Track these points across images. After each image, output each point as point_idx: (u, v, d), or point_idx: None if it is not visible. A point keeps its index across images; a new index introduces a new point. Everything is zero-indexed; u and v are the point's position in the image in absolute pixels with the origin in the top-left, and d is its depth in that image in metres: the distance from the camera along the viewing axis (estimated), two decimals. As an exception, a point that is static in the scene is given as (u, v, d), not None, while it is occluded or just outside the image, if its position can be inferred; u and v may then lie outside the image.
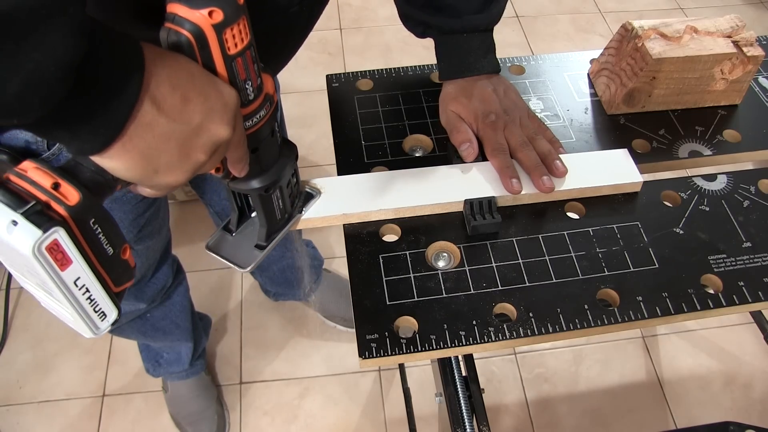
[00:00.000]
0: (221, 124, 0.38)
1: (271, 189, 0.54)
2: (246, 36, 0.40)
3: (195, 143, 0.37)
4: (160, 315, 1.08)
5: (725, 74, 0.74)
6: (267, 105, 0.46)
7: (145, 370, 1.29)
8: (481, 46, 0.71)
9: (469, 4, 0.69)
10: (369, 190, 0.66)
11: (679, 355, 1.44)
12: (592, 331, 0.59)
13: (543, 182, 0.65)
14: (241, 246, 0.61)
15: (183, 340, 1.20)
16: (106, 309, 0.38)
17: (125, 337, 1.13)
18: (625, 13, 2.25)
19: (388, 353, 0.56)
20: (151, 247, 0.87)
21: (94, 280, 0.35)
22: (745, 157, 0.74)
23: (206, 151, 0.38)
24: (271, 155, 0.52)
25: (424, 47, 2.10)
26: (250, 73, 0.41)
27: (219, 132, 0.38)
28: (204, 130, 0.37)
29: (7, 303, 1.49)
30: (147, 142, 0.34)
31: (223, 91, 0.38)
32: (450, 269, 0.62)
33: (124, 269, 0.38)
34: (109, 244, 0.36)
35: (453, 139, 0.70)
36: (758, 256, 0.64)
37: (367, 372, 1.40)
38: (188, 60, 0.37)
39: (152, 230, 0.83)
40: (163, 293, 1.03)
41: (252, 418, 1.34)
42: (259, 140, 0.48)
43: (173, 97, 0.34)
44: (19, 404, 1.35)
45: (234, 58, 0.39)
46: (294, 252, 1.30)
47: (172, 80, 0.34)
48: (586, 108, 0.78)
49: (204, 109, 0.36)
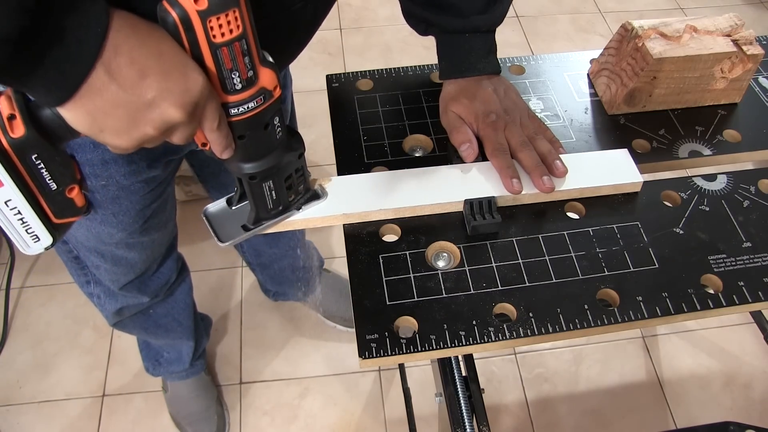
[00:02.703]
0: (174, 107, 0.39)
1: (259, 178, 0.55)
2: (237, 28, 0.40)
3: (144, 117, 0.38)
4: (163, 311, 1.09)
5: (725, 73, 0.75)
6: (260, 98, 0.46)
7: (145, 369, 1.29)
8: (483, 47, 0.71)
9: (473, 5, 0.69)
10: (369, 190, 0.66)
11: (679, 355, 1.44)
12: (592, 331, 0.59)
13: (543, 182, 0.65)
14: (233, 222, 0.62)
15: (184, 339, 1.20)
16: (40, 234, 0.42)
17: (127, 332, 1.13)
18: (625, 13, 2.25)
19: (388, 353, 0.56)
20: (156, 240, 0.87)
21: (28, 206, 0.40)
22: (745, 157, 0.74)
23: (155, 127, 0.39)
24: (262, 146, 0.52)
25: (424, 47, 2.10)
26: (239, 64, 0.42)
27: (170, 113, 0.39)
28: (155, 107, 0.38)
29: (7, 303, 1.49)
30: (95, 105, 0.37)
31: (188, 76, 0.39)
32: (450, 269, 0.62)
33: (68, 206, 0.42)
34: (52, 180, 0.40)
35: (453, 139, 0.70)
36: (758, 256, 0.64)
37: (367, 372, 1.40)
38: (164, 38, 0.38)
39: (158, 223, 0.83)
40: (167, 289, 1.03)
41: (252, 418, 1.34)
42: (247, 129, 0.49)
43: (129, 70, 0.36)
44: (19, 404, 1.35)
45: (219, 46, 0.40)
46: (297, 252, 1.30)
47: (133, 53, 0.36)
48: (586, 108, 0.78)
49: (160, 87, 0.38)
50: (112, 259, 0.84)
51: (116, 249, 0.82)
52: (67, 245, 0.84)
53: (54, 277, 1.55)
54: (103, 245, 0.80)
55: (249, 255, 1.29)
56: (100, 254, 0.83)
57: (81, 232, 0.77)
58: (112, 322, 1.05)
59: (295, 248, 1.29)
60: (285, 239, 1.21)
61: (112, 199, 0.71)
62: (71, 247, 0.84)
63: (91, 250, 0.82)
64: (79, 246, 0.82)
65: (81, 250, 0.84)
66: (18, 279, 1.54)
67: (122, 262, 0.85)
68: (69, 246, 0.84)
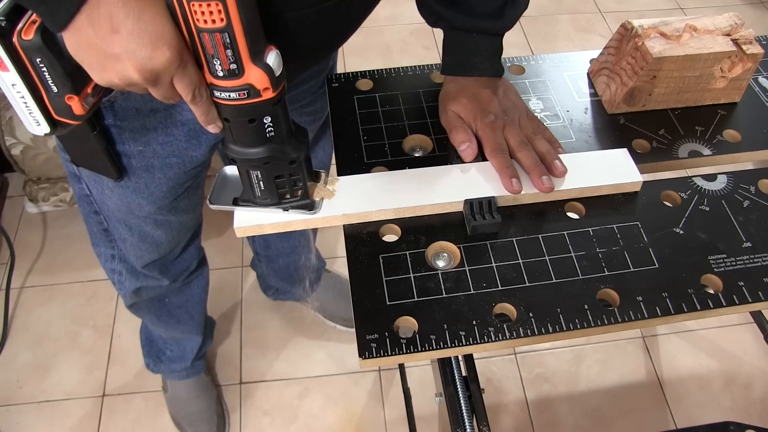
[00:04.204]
0: (134, 69, 0.44)
1: (239, 163, 0.57)
2: (220, 21, 0.43)
3: (110, 65, 0.45)
4: (178, 302, 1.11)
5: (725, 72, 0.75)
6: (244, 92, 0.48)
7: (146, 365, 1.30)
8: (489, 49, 0.71)
9: (485, 6, 0.69)
10: (369, 190, 0.66)
11: (679, 355, 1.44)
12: (592, 331, 0.59)
13: (542, 182, 0.65)
14: (232, 192, 0.64)
15: (193, 333, 1.21)
16: (40, 121, 0.51)
17: (140, 316, 1.15)
18: (625, 13, 2.25)
19: (388, 353, 0.56)
20: (183, 223, 0.89)
21: (30, 96, 0.48)
22: (745, 157, 0.74)
23: (119, 78, 0.45)
24: (245, 137, 0.54)
25: (424, 47, 2.10)
26: (220, 54, 0.45)
27: (129, 72, 0.44)
28: (118, 61, 0.44)
29: (7, 303, 1.49)
30: (77, 40, 0.45)
31: (157, 46, 0.43)
32: (450, 269, 0.62)
33: (66, 109, 0.50)
34: (54, 84, 0.48)
35: (452, 138, 0.70)
36: (758, 256, 0.64)
37: (367, 372, 1.40)
38: (154, 7, 0.43)
39: (187, 205, 0.85)
40: (186, 275, 1.05)
41: (252, 418, 1.34)
42: (230, 115, 0.51)
43: (105, 22, 0.42)
44: (19, 404, 1.35)
45: (201, 31, 0.44)
46: (305, 250, 1.31)
47: (113, 9, 0.42)
48: (586, 108, 0.78)
49: (126, 47, 0.43)
50: (139, 234, 0.86)
51: (144, 224, 0.84)
52: (99, 216, 0.86)
53: (54, 277, 1.55)
54: (132, 217, 0.82)
55: (258, 245, 1.30)
56: (129, 227, 0.85)
57: (113, 200, 0.79)
58: (129, 302, 1.07)
59: (304, 246, 1.29)
60: (297, 236, 1.22)
61: (146, 167, 0.73)
62: (102, 218, 0.86)
63: (120, 221, 0.84)
64: (111, 216, 0.85)
65: (111, 221, 0.86)
66: (18, 279, 1.54)
67: (148, 239, 0.88)
68: (101, 217, 0.86)
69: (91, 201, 0.83)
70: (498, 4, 0.69)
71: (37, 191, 1.50)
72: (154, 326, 1.20)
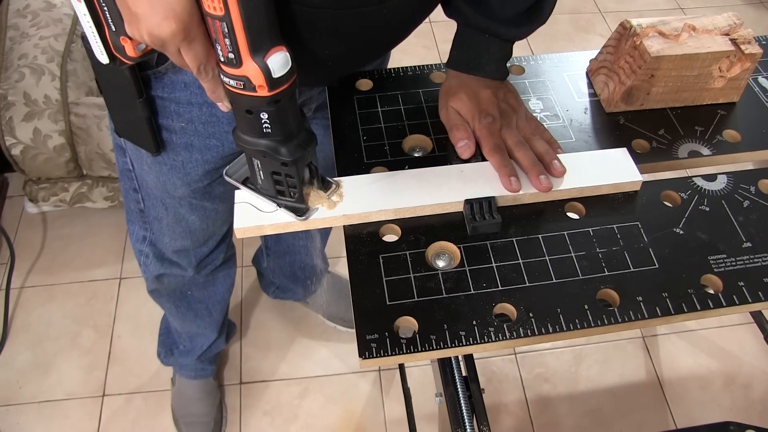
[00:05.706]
0: (146, 33, 0.49)
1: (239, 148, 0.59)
2: (219, 9, 0.45)
3: (132, 21, 0.50)
4: (200, 297, 1.12)
5: (723, 72, 0.75)
6: (240, 83, 0.50)
7: (157, 354, 1.31)
8: (498, 53, 0.71)
9: (506, 11, 0.68)
10: (369, 191, 0.66)
11: (679, 355, 1.44)
12: (592, 331, 0.59)
13: (540, 181, 0.65)
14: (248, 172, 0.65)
15: (209, 330, 1.22)
16: (102, 51, 0.57)
17: (159, 304, 1.15)
18: (625, 13, 2.25)
19: (388, 353, 0.56)
20: (218, 211, 0.89)
21: (93, 26, 0.55)
22: (745, 157, 0.74)
23: (135, 34, 0.50)
24: (244, 125, 0.55)
25: (424, 47, 2.10)
26: (219, 40, 0.48)
27: (143, 34, 0.49)
28: (138, 22, 0.49)
29: (7, 303, 1.49)
30: None
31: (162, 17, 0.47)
32: (450, 269, 0.62)
33: (120, 48, 0.55)
34: (113, 23, 0.53)
35: (451, 136, 0.70)
36: (758, 256, 0.64)
37: (367, 372, 1.40)
38: None
39: (222, 193, 0.84)
40: (211, 270, 1.05)
41: (252, 418, 1.35)
42: (231, 100, 0.53)
43: None
44: (19, 404, 1.35)
45: (206, 15, 0.47)
46: (314, 251, 1.31)
47: None
48: (586, 108, 0.78)
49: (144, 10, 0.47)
50: (174, 215, 0.87)
51: (179, 206, 0.85)
52: (138, 194, 0.88)
53: (54, 277, 1.55)
54: (168, 197, 0.83)
55: (270, 238, 1.30)
56: (165, 206, 0.86)
57: (151, 177, 0.80)
58: (151, 287, 1.09)
59: (314, 248, 1.29)
60: (309, 235, 1.23)
61: (185, 145, 0.73)
62: (141, 197, 0.88)
63: (158, 199, 0.85)
64: (149, 193, 0.86)
65: (149, 199, 0.87)
66: (18, 279, 1.54)
67: (183, 222, 0.88)
68: (139, 195, 0.88)
69: (132, 177, 0.84)
70: (518, 11, 0.68)
71: (37, 191, 1.50)
72: (171, 316, 1.20)
